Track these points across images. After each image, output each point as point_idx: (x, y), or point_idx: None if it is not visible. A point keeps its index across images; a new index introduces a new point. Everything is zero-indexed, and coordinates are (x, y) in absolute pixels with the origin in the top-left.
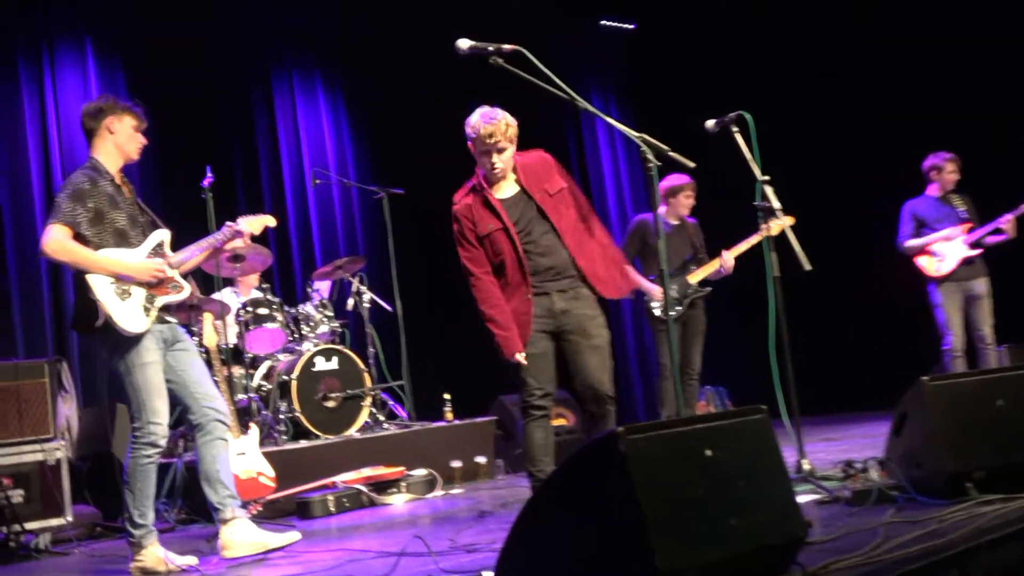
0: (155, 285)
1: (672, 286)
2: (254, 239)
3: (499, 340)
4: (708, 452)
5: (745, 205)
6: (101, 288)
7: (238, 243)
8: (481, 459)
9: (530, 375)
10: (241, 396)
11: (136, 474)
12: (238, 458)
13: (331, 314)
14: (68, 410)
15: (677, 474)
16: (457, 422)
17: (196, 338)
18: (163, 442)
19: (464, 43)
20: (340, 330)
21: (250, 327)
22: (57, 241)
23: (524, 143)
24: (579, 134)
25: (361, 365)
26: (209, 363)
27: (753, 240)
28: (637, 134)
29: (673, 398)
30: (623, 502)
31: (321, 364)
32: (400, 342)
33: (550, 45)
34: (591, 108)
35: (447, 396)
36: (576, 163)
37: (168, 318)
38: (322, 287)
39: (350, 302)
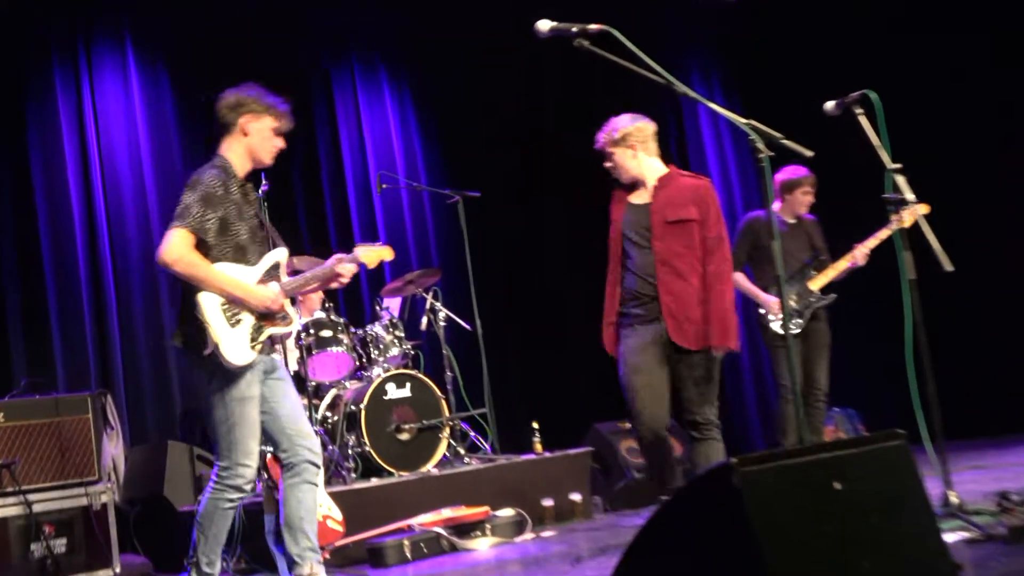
0: (266, 315)
1: (790, 295)
2: (296, 253)
3: (606, 337)
4: (837, 485)
5: (872, 199)
6: (212, 310)
7: (348, 271)
8: (576, 496)
9: (636, 402)
10: None
11: (214, 518)
12: None
13: (403, 335)
14: (114, 449)
15: (800, 511)
16: (548, 454)
17: None
18: (249, 487)
19: (544, 25)
20: (413, 353)
21: (312, 352)
22: (180, 249)
23: None
24: (680, 123)
25: (438, 392)
26: None
27: (883, 234)
28: (745, 121)
29: (796, 424)
30: (738, 543)
31: (393, 392)
32: (481, 365)
33: (643, 23)
34: (691, 93)
35: (535, 425)
36: (676, 156)
37: (273, 350)
38: (392, 305)
39: (424, 321)
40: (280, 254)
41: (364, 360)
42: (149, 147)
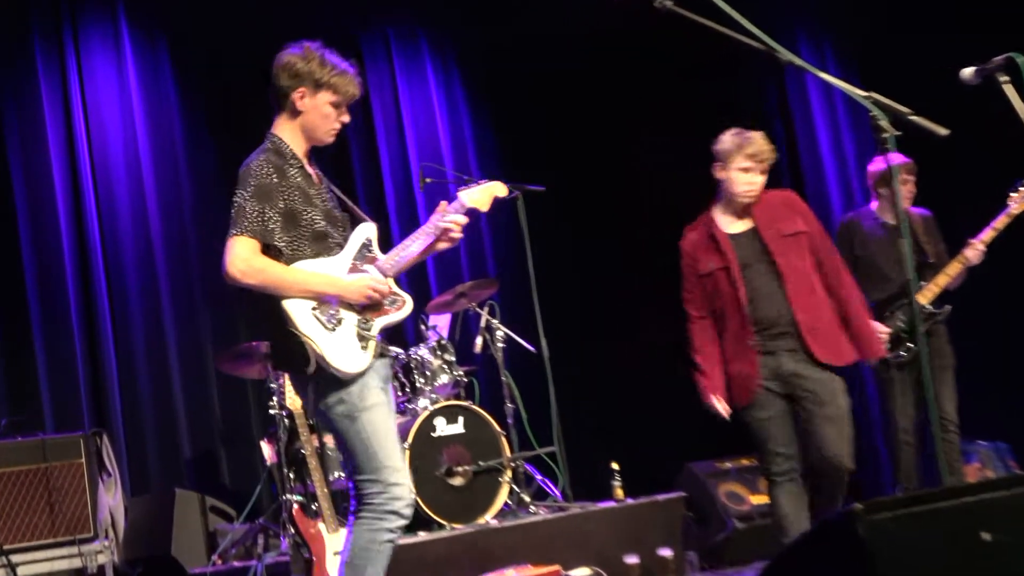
0: (370, 305)
1: (897, 314)
2: None
3: (699, 384)
4: (985, 535)
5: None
6: (303, 318)
7: (458, 222)
8: (666, 552)
9: (767, 440)
10: (338, 474)
11: (370, 555)
12: (335, 558)
13: (453, 359)
14: (112, 499)
15: (940, 566)
16: (631, 501)
17: (274, 399)
18: (409, 511)
19: None
20: (466, 381)
21: None
22: (245, 260)
23: (708, 118)
24: (784, 100)
25: (496, 427)
26: (293, 432)
27: (1000, 223)
28: (864, 93)
29: (912, 466)
30: None
31: (443, 427)
32: (548, 394)
33: None
34: (799, 61)
35: (615, 466)
36: (783, 140)
37: (387, 350)
38: (440, 323)
39: (478, 342)
40: (368, 230)
41: (407, 390)
42: (147, 141)
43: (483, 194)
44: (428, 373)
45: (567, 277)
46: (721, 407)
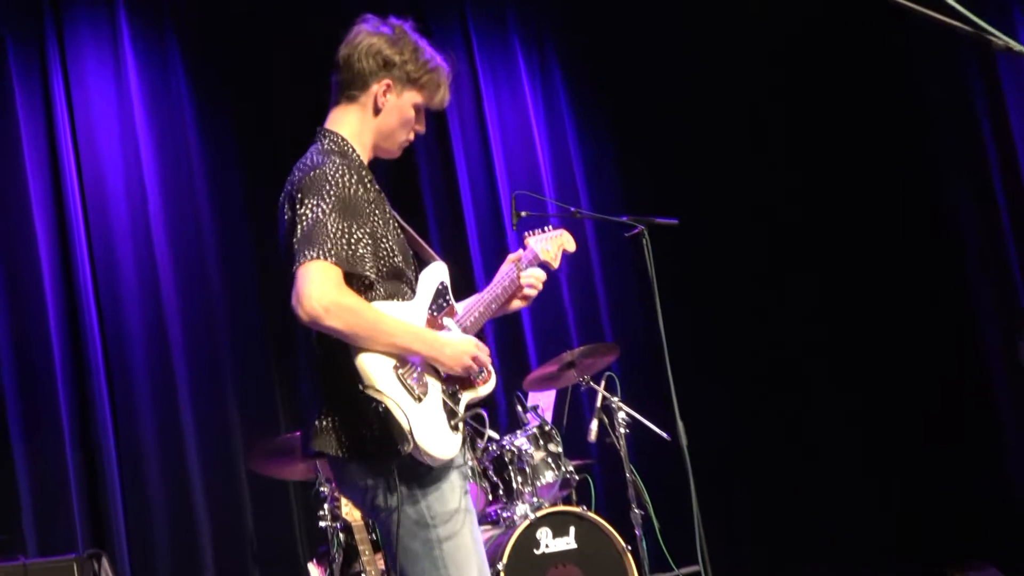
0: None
1: None
2: None
3: None
4: None
5: None
6: (386, 380)
7: (537, 278)
8: None
9: None
10: None
11: None
12: None
13: (560, 451)
14: None
15: None
16: None
17: (325, 507)
18: None
19: None
20: (578, 479)
21: None
22: (331, 293)
23: (893, 115)
24: (995, 91)
25: (619, 541)
26: (350, 550)
27: None
28: None
29: None
30: None
31: (549, 542)
32: (688, 495)
33: None
34: (1017, 46)
35: None
36: (991, 138)
37: (480, 432)
38: (542, 403)
39: (593, 427)
40: (442, 272)
41: (501, 492)
42: (155, 163)
43: (553, 244)
44: (528, 469)
45: (711, 339)
46: None
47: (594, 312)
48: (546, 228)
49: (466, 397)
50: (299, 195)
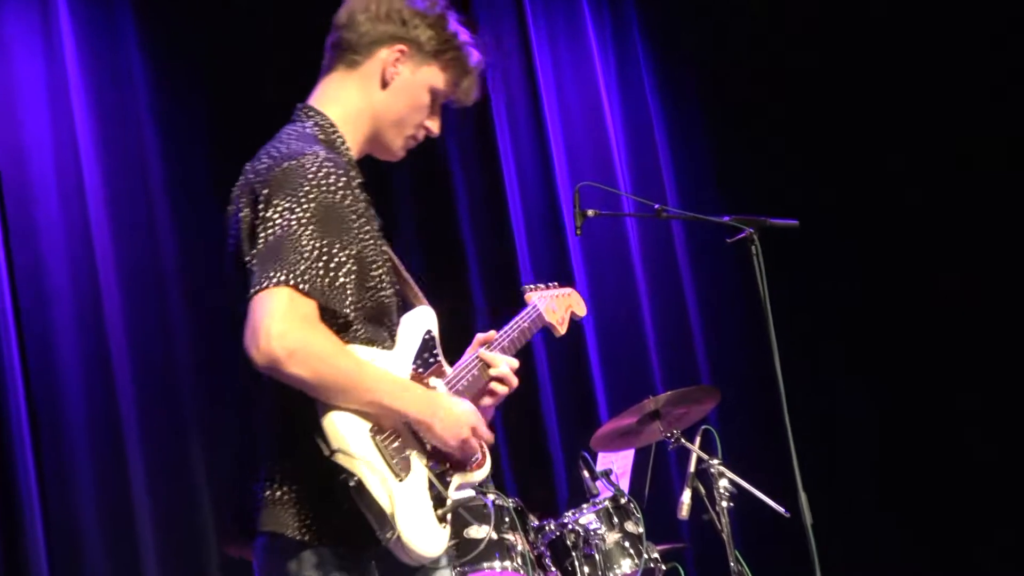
0: (442, 452)
1: None
2: None
3: None
4: None
5: None
6: (362, 446)
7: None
8: None
9: None
10: None
11: None
12: None
13: (641, 530)
14: None
15: None
16: None
17: None
18: None
19: None
20: (666, 570)
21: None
22: (296, 331)
23: None
24: None
25: None
26: None
27: None
28: None
29: None
30: None
31: None
32: None
33: None
34: None
35: None
36: None
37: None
38: (618, 466)
39: (685, 500)
40: (428, 318)
41: None
42: (93, 151)
43: (561, 305)
44: (598, 556)
45: (836, 375)
46: None
47: (685, 344)
48: (550, 284)
49: (456, 482)
50: (265, 192)
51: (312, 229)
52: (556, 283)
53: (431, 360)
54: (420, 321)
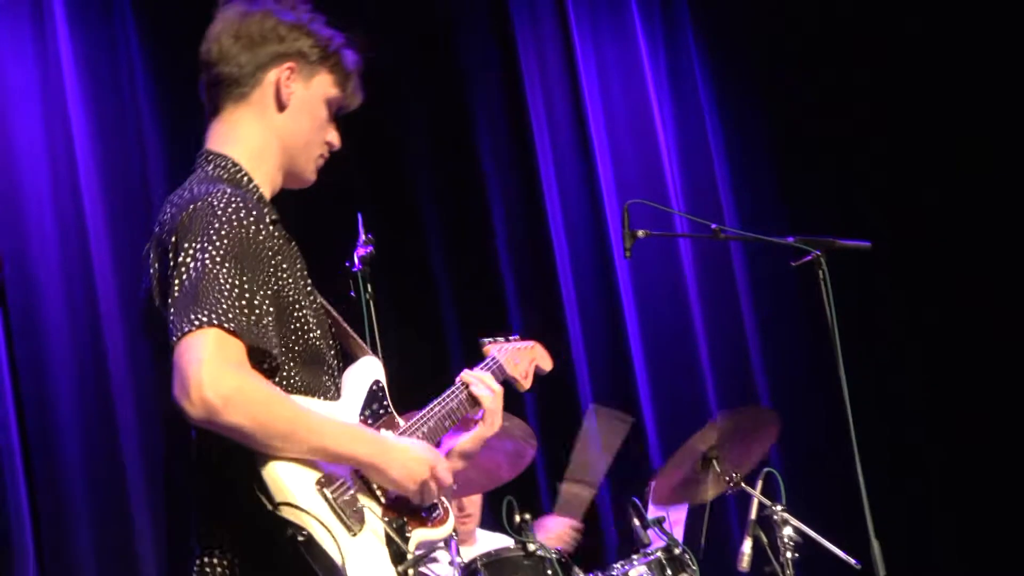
0: (401, 504)
1: None
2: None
3: None
4: None
5: None
6: (308, 498)
7: (486, 386)
8: None
9: None
10: None
11: None
12: None
13: None
14: None
15: None
16: None
17: None
18: None
19: None
20: None
21: None
22: (229, 375)
23: None
24: None
25: None
26: None
27: None
28: None
29: None
30: None
31: None
32: None
33: None
34: None
35: None
36: None
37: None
38: (671, 511)
39: (746, 550)
40: (375, 369)
41: None
42: (93, 165)
43: (524, 358)
44: None
45: (913, 408)
46: None
47: (745, 380)
48: (510, 337)
49: (417, 538)
50: (174, 240)
51: (229, 266)
52: (518, 336)
53: (381, 412)
54: (366, 371)
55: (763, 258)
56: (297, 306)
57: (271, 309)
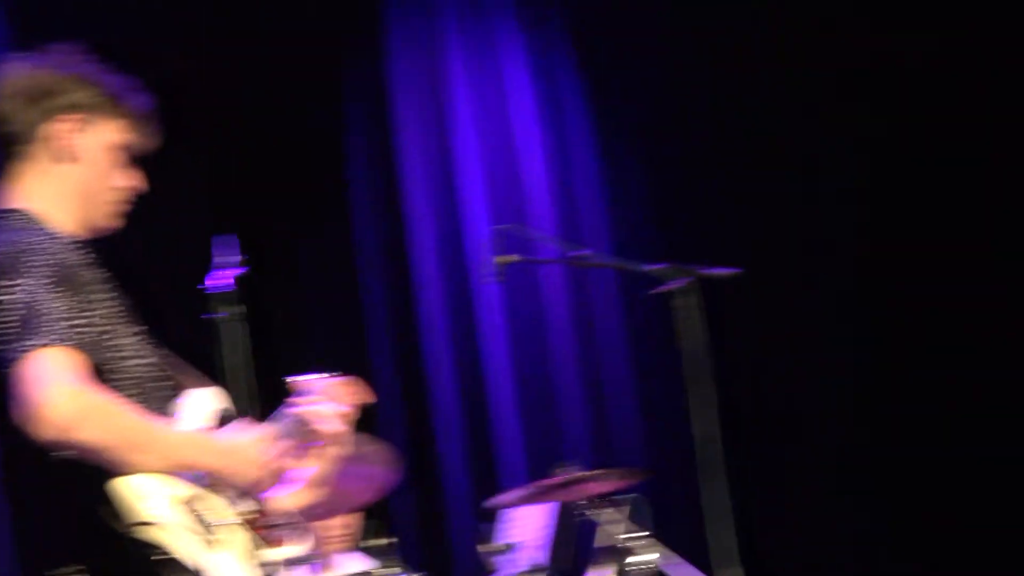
0: (258, 520)
1: None
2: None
3: None
4: None
5: None
6: (162, 514)
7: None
8: None
9: None
10: None
11: None
12: None
13: None
14: None
15: None
16: None
17: None
18: None
19: None
20: None
21: None
22: (77, 391)
23: None
24: None
25: None
26: None
27: None
28: None
29: None
30: None
31: None
32: None
33: None
34: None
35: None
36: None
37: None
38: (527, 530)
39: None
40: (217, 398)
41: None
42: None
43: (338, 392)
44: None
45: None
46: None
47: (617, 405)
48: (322, 375)
49: (276, 551)
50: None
51: (60, 292)
52: (328, 374)
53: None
54: (206, 399)
55: (635, 287)
56: (114, 336)
57: (95, 332)
